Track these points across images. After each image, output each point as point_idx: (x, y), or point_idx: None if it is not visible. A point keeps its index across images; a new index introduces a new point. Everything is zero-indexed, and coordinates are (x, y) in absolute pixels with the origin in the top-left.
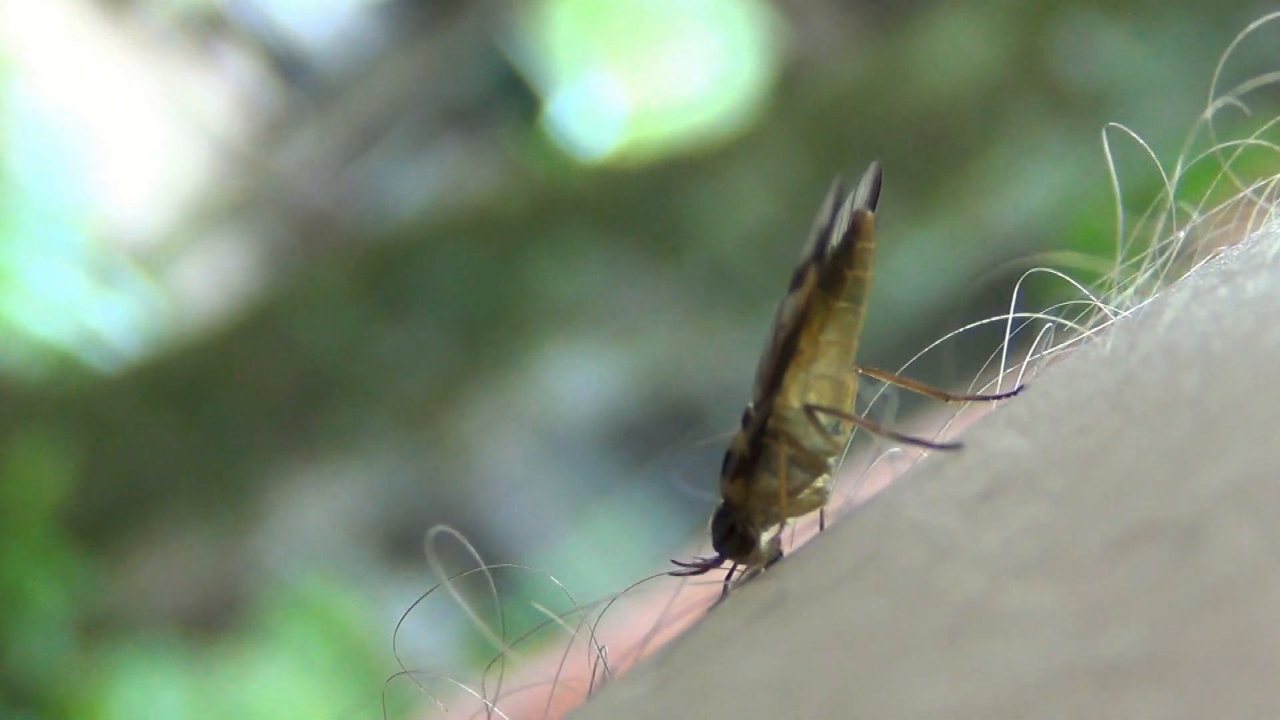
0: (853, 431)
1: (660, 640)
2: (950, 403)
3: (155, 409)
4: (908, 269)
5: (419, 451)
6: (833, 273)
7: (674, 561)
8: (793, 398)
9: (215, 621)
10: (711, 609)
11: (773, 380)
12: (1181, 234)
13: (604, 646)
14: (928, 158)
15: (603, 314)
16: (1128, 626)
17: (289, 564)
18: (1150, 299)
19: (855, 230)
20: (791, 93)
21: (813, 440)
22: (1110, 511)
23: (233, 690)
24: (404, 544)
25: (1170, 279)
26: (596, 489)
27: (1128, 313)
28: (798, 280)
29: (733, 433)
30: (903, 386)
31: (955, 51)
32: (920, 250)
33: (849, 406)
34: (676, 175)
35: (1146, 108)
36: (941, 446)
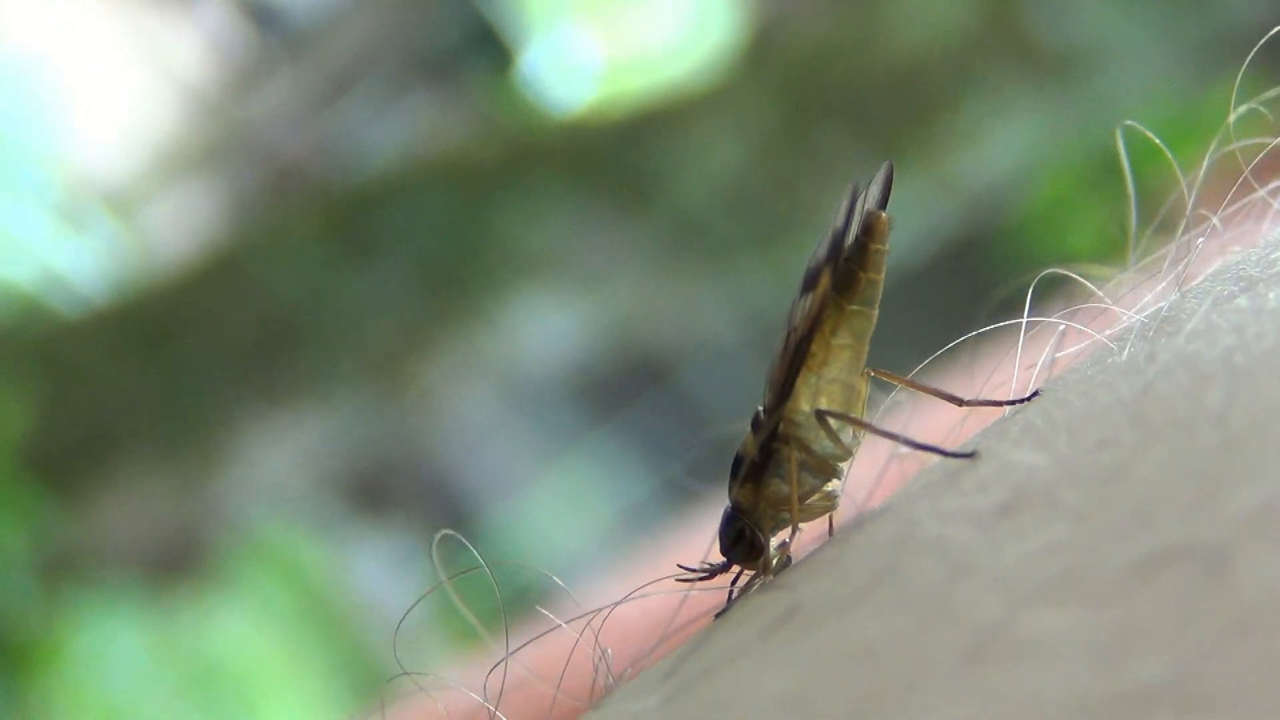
0: (863, 436)
1: (668, 649)
2: (963, 407)
3: (120, 352)
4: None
5: (384, 399)
6: (845, 275)
7: (681, 566)
8: (804, 402)
9: (177, 565)
10: (719, 616)
11: (784, 385)
12: (1200, 240)
13: (608, 649)
14: (897, 114)
15: (570, 264)
16: (1152, 655)
17: (252, 509)
18: (1165, 301)
19: (869, 232)
20: (763, 48)
21: (823, 445)
22: (1133, 533)
23: (193, 635)
24: (369, 492)
25: (1170, 275)
26: (562, 440)
27: (1143, 316)
28: (810, 282)
29: (743, 436)
30: (915, 390)
31: (927, 9)
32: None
33: (860, 411)
34: (647, 128)
35: (1117, 67)
36: (956, 455)
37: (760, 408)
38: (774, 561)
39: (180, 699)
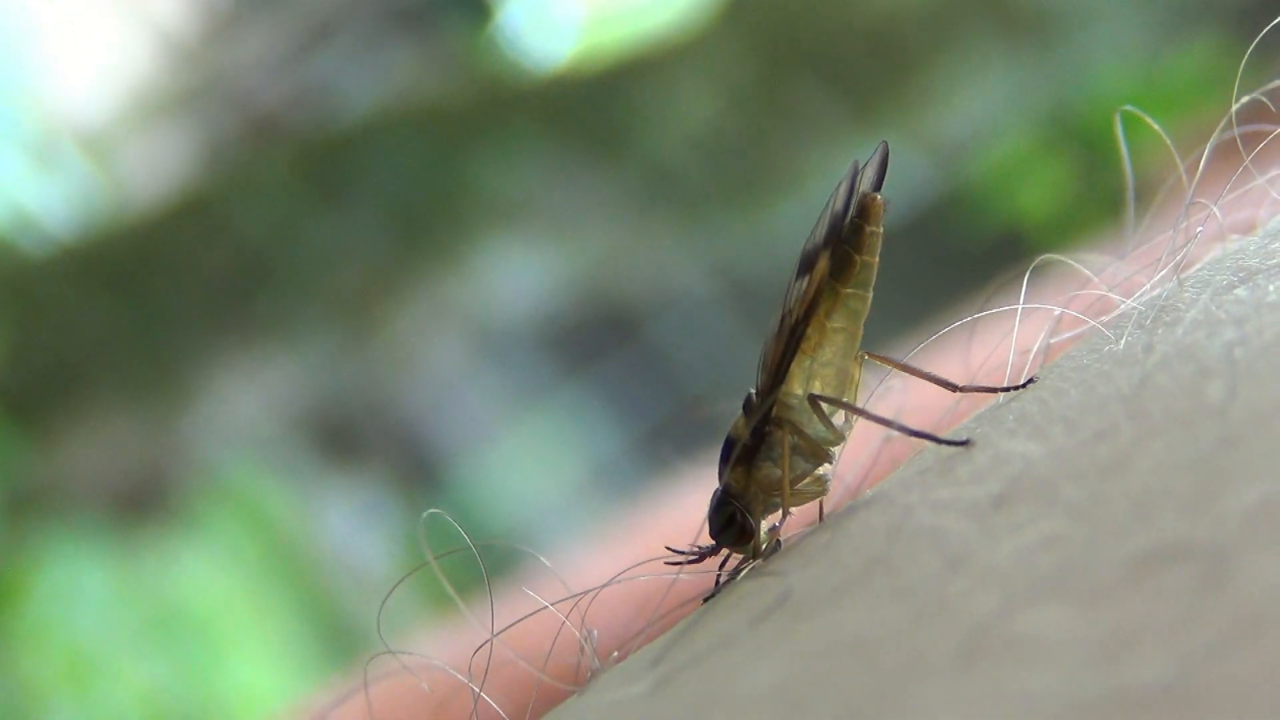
0: (855, 420)
1: (655, 632)
2: (958, 393)
3: (89, 291)
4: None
5: (354, 344)
6: (840, 258)
7: (669, 549)
8: (797, 385)
9: (143, 506)
10: (707, 600)
11: (778, 368)
12: (1199, 230)
13: (593, 631)
14: (873, 68)
15: (543, 214)
16: (1150, 657)
17: (219, 452)
18: (1163, 289)
19: (864, 214)
20: (741, 2)
21: (816, 429)
22: (1131, 529)
23: (158, 577)
24: (336, 437)
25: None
26: (532, 390)
27: (1139, 303)
28: (806, 265)
29: (734, 418)
30: (910, 374)
31: None
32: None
33: (853, 395)
34: (622, 79)
35: (1093, 25)
36: (951, 443)
37: (752, 390)
38: (764, 546)
39: (143, 640)
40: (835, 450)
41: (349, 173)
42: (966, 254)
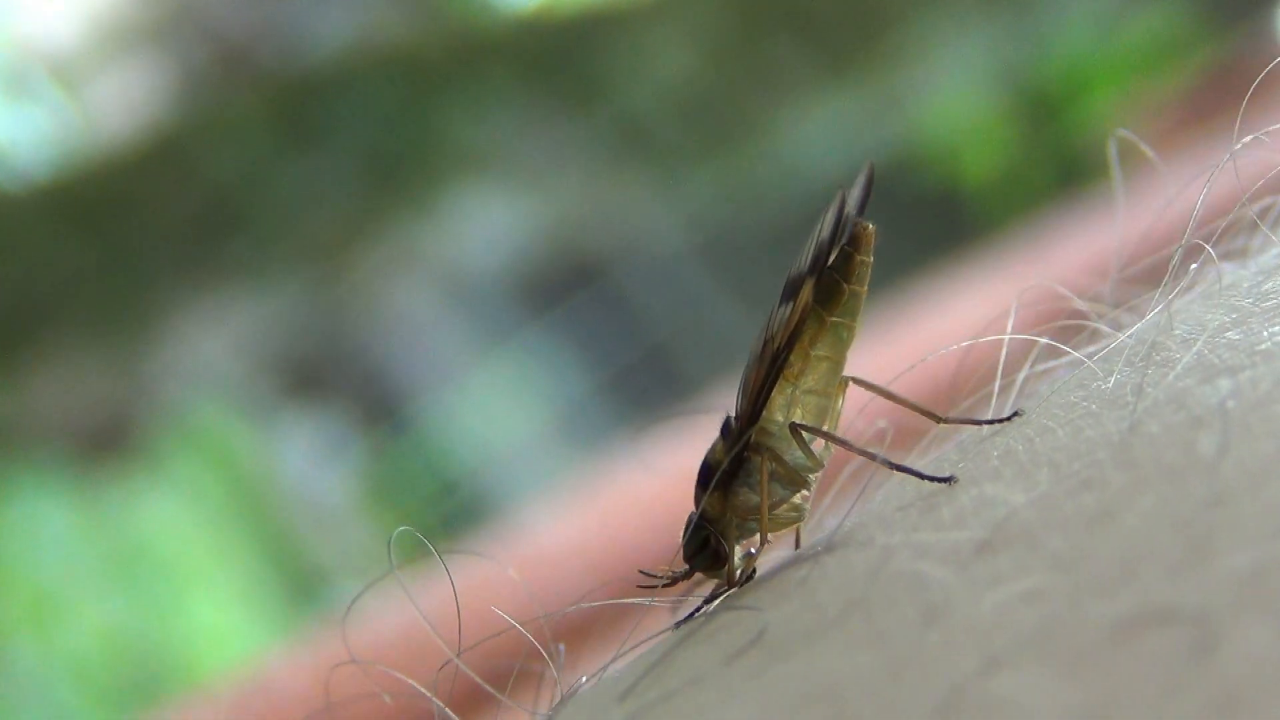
0: (834, 448)
1: (625, 661)
2: (942, 424)
3: (57, 228)
4: (820, 138)
5: (321, 287)
6: (828, 285)
7: (642, 573)
8: (777, 412)
9: (107, 444)
10: (679, 625)
11: (759, 394)
12: (1193, 266)
13: (561, 646)
14: (848, 29)
15: (514, 162)
16: None
17: (184, 392)
18: (1150, 319)
19: (854, 242)
20: None
21: (795, 457)
22: (1115, 589)
23: (121, 516)
24: (302, 379)
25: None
26: (498, 336)
27: (1129, 337)
28: (790, 292)
29: (713, 442)
30: (892, 401)
31: None
32: (834, 119)
33: (834, 423)
34: (597, 29)
35: None
36: (935, 479)
37: (731, 414)
38: (738, 572)
39: (105, 579)
40: (813, 478)
41: (320, 115)
42: (930, 208)
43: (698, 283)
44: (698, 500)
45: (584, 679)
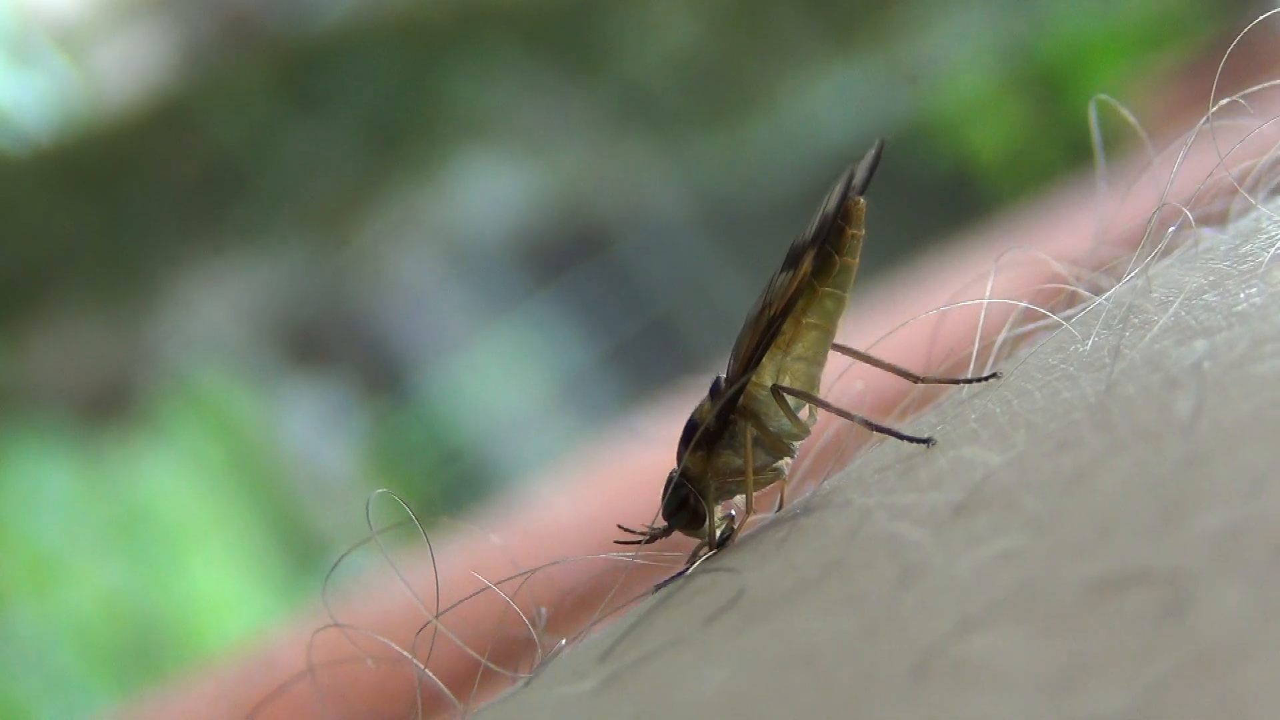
0: (818, 414)
1: (606, 623)
2: (920, 384)
3: (60, 192)
4: (825, 108)
5: (324, 253)
6: (822, 257)
7: (621, 528)
8: (766, 377)
9: (108, 409)
10: (659, 587)
11: (750, 358)
12: (1171, 229)
13: (543, 609)
14: None
15: (517, 129)
16: (1108, 688)
17: (186, 357)
18: (1128, 281)
19: (846, 216)
20: None
21: (780, 423)
22: (1091, 550)
23: (122, 481)
24: (304, 346)
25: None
26: (501, 304)
27: (1106, 300)
28: (792, 260)
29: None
30: (871, 364)
31: None
32: (838, 90)
33: (818, 389)
34: None
35: None
36: (914, 440)
37: (721, 375)
38: (718, 532)
39: (105, 543)
40: (796, 445)
41: (324, 81)
42: (932, 182)
43: (702, 253)
44: (680, 458)
45: (563, 641)
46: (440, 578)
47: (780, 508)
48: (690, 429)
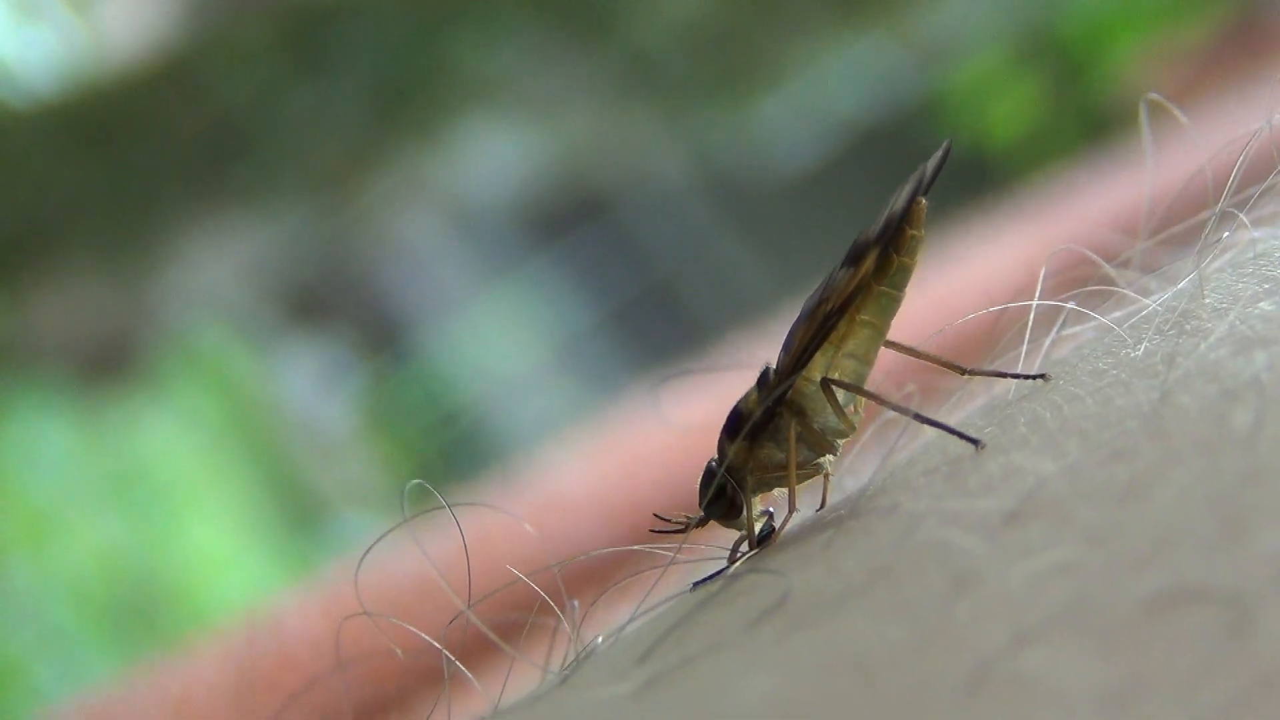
0: (863, 413)
1: (643, 619)
2: (966, 376)
3: (64, 148)
4: (831, 78)
5: (327, 214)
6: (881, 257)
7: (657, 516)
8: (816, 372)
9: (109, 365)
10: (697, 585)
11: (803, 351)
12: (1225, 234)
13: (574, 602)
14: None
15: (523, 94)
16: (1165, 709)
17: (187, 316)
18: (1180, 287)
19: (906, 216)
20: None
21: (826, 419)
22: (1148, 565)
23: (120, 437)
24: (305, 306)
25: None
26: (502, 268)
27: (1157, 303)
28: (853, 258)
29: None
30: (917, 358)
31: None
32: (845, 60)
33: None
34: None
35: None
36: (964, 437)
37: (771, 366)
38: (756, 527)
39: (103, 500)
40: (840, 443)
41: (330, 41)
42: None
43: (703, 220)
44: (722, 447)
45: (599, 637)
46: (456, 555)
47: (822, 506)
48: (735, 419)
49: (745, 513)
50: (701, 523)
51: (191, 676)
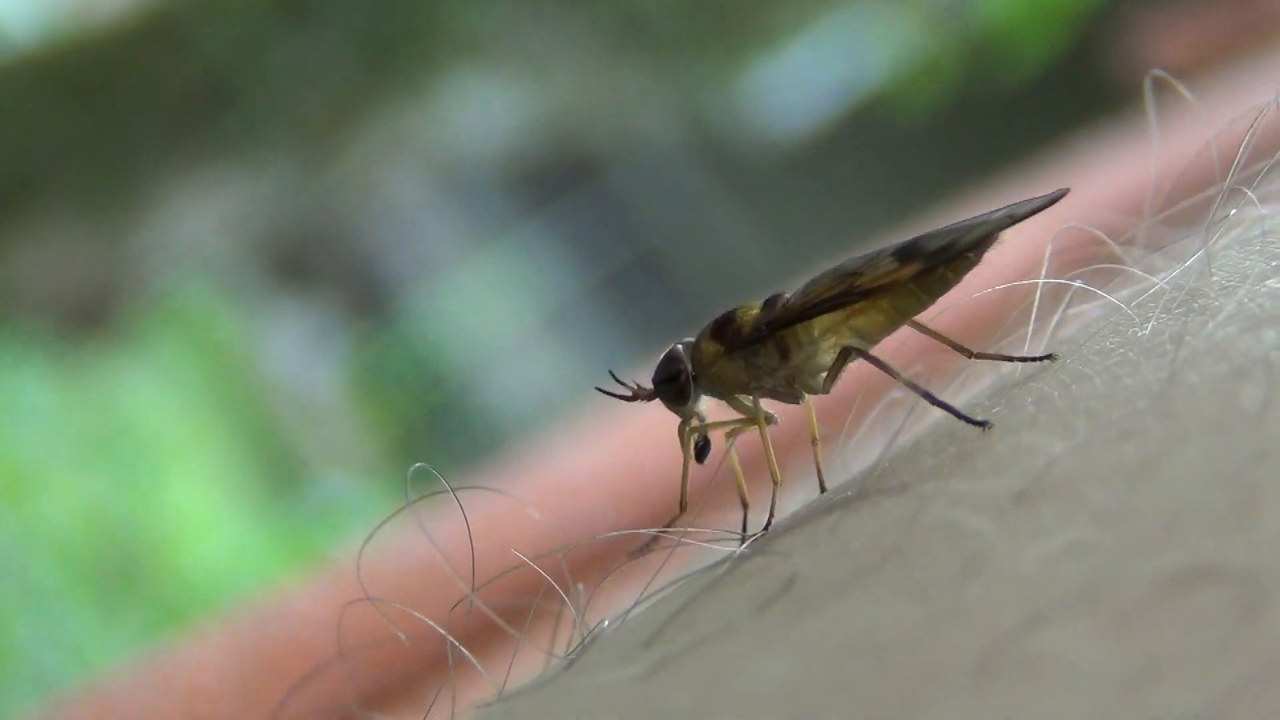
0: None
1: (649, 603)
2: (973, 359)
3: (47, 100)
4: (824, 40)
5: (312, 170)
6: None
7: (611, 374)
8: (816, 327)
9: (91, 321)
10: (701, 571)
11: (815, 305)
12: (1233, 211)
13: (579, 585)
14: None
15: (512, 51)
16: (1178, 688)
17: (170, 271)
18: (1187, 265)
19: (976, 246)
20: None
21: (809, 374)
22: (1160, 544)
23: (102, 394)
24: (289, 263)
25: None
26: (490, 227)
27: (1164, 281)
28: (905, 253)
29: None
30: (926, 334)
31: None
32: (838, 21)
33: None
34: None
35: None
36: (972, 421)
37: (787, 294)
38: (693, 433)
39: (84, 456)
40: (802, 402)
41: None
42: (931, 128)
43: (694, 184)
44: (700, 338)
45: (605, 621)
46: (460, 539)
47: (821, 485)
48: (725, 321)
49: (690, 406)
50: (648, 396)
51: (199, 664)
